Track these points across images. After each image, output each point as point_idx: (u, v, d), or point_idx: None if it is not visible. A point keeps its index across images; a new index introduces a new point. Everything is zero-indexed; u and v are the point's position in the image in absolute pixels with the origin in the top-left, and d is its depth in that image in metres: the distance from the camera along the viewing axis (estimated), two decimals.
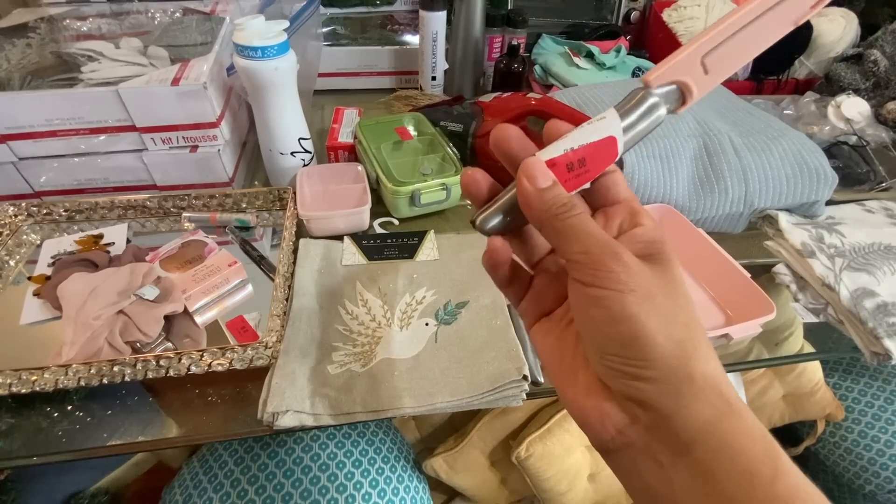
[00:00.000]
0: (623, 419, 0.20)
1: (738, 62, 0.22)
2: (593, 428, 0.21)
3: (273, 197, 0.57)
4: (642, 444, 0.20)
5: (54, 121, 0.51)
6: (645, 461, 0.20)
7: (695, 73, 0.22)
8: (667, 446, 0.19)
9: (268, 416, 0.37)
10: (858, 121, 0.70)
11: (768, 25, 0.22)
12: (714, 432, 0.19)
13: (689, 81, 0.22)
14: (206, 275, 0.46)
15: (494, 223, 0.23)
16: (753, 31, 0.22)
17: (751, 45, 0.22)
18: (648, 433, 0.20)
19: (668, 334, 0.19)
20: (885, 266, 0.51)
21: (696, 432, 0.19)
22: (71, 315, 0.39)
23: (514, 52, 0.77)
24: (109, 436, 0.39)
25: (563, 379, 0.23)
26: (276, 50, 0.50)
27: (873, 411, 0.76)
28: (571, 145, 0.21)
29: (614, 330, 0.19)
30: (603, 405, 0.21)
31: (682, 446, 0.19)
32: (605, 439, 0.21)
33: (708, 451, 0.19)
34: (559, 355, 0.23)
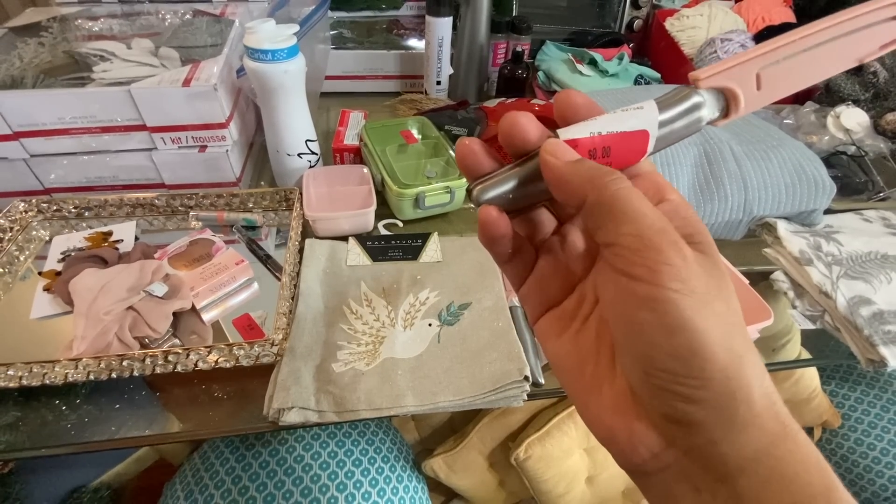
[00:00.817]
0: (658, 443, 0.17)
1: (794, 86, 0.20)
2: (621, 449, 0.18)
3: (279, 197, 0.58)
4: (678, 469, 0.17)
5: (66, 119, 0.52)
6: (680, 487, 0.17)
7: (747, 85, 0.19)
8: (708, 473, 0.17)
9: (273, 412, 0.38)
10: (857, 131, 0.70)
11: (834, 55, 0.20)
12: (765, 460, 0.16)
13: (739, 92, 0.19)
14: (213, 273, 0.47)
15: (494, 195, 0.19)
16: (819, 55, 0.19)
17: (812, 70, 0.20)
18: (688, 458, 0.17)
19: (728, 348, 0.16)
20: (882, 275, 0.52)
21: (745, 460, 0.16)
22: (82, 310, 0.40)
23: (519, 58, 0.78)
24: (116, 430, 0.39)
25: (584, 391, 0.19)
26: (285, 53, 0.50)
27: (869, 419, 0.77)
28: (599, 129, 0.18)
29: (668, 341, 0.16)
30: (634, 425, 0.17)
31: (726, 474, 0.16)
32: (636, 462, 0.18)
33: (757, 480, 0.16)
34: (578, 363, 0.20)
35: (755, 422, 0.16)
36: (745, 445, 0.16)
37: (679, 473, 0.17)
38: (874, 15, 0.19)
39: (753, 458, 0.16)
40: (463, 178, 0.57)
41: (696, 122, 0.19)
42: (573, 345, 0.20)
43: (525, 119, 0.19)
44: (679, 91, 0.19)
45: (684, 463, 0.17)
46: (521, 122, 0.19)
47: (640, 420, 0.17)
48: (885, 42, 0.19)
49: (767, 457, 0.16)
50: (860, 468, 0.75)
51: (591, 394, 0.19)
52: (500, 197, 0.19)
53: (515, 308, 0.49)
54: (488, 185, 0.19)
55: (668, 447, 0.17)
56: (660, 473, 0.18)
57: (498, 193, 0.19)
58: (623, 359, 0.18)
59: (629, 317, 0.17)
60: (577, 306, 0.21)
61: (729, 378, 0.16)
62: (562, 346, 0.20)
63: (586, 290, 0.21)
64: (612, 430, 0.18)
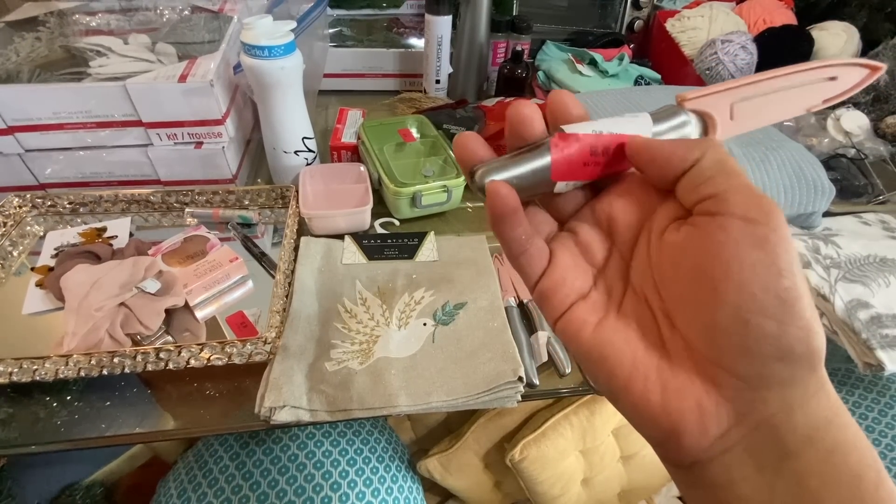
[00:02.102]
0: (729, 418, 0.17)
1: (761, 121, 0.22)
2: (689, 435, 0.17)
3: (276, 195, 0.57)
4: (744, 448, 0.17)
5: (61, 114, 0.52)
6: (741, 469, 0.17)
7: (722, 114, 0.22)
8: (775, 448, 0.17)
9: (265, 410, 0.37)
10: (857, 134, 0.70)
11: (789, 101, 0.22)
12: (831, 428, 0.16)
13: (716, 118, 0.21)
14: (207, 270, 0.47)
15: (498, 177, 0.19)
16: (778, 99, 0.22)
17: (773, 111, 0.22)
18: (757, 433, 0.17)
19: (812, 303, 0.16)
20: (880, 278, 0.52)
21: (814, 429, 0.16)
22: (73, 306, 0.40)
23: (518, 57, 0.78)
24: (107, 427, 0.39)
25: (638, 380, 0.18)
26: (282, 50, 0.50)
27: (867, 423, 0.76)
28: (601, 129, 0.19)
29: (779, 283, 0.16)
30: (704, 402, 0.17)
31: (793, 448, 0.16)
32: (701, 447, 0.17)
33: (823, 450, 0.16)
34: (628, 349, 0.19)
35: (825, 385, 0.16)
36: (816, 412, 0.16)
37: (744, 452, 0.17)
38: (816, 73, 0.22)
39: (822, 426, 0.16)
40: (460, 177, 0.57)
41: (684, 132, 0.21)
42: (616, 331, 0.19)
43: (532, 111, 0.20)
44: (669, 108, 0.21)
45: (752, 439, 0.17)
46: (528, 114, 0.20)
47: (711, 396, 0.17)
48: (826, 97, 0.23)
49: (830, 426, 0.16)
50: None
51: (647, 380, 0.18)
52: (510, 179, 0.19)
53: (511, 308, 0.48)
54: (492, 168, 0.19)
55: (738, 423, 0.17)
56: (722, 457, 0.17)
57: (501, 177, 0.19)
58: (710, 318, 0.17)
59: (740, 259, 0.16)
60: (607, 296, 0.21)
61: (815, 333, 0.16)
62: (603, 335, 0.19)
63: (610, 279, 0.21)
64: (680, 413, 0.17)
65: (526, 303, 0.49)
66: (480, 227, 0.60)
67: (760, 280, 0.16)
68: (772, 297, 0.16)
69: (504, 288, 0.50)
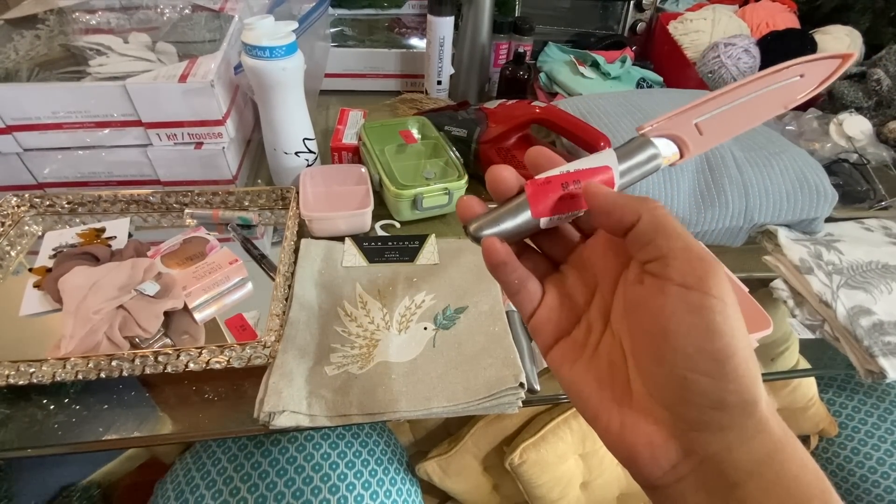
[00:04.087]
0: (677, 454, 0.19)
1: (732, 131, 0.24)
2: (643, 465, 0.20)
3: (276, 196, 0.57)
4: (694, 479, 0.19)
5: (60, 113, 0.51)
6: (696, 495, 0.19)
7: (689, 132, 0.24)
8: (721, 480, 0.18)
9: (264, 415, 0.37)
10: (860, 139, 0.70)
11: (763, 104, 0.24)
12: (770, 464, 0.18)
13: (685, 137, 0.23)
14: (206, 272, 0.47)
15: (491, 231, 0.22)
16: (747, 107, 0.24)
17: (743, 119, 0.24)
18: (703, 467, 0.19)
19: (749, 355, 0.18)
20: (882, 285, 0.52)
21: (754, 464, 0.18)
22: (71, 308, 0.39)
23: (520, 59, 0.77)
24: (104, 430, 0.39)
25: (603, 414, 0.21)
26: (284, 50, 0.50)
27: (867, 428, 0.76)
28: (567, 168, 0.22)
29: (712, 345, 0.17)
30: (654, 439, 0.19)
31: (737, 480, 0.18)
32: (655, 476, 0.19)
33: (763, 483, 0.18)
34: (595, 388, 0.21)
35: (765, 427, 0.18)
36: (756, 450, 0.18)
37: (696, 482, 0.19)
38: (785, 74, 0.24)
39: (761, 461, 0.18)
40: (462, 179, 0.57)
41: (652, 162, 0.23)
42: (588, 371, 0.22)
43: (505, 172, 0.23)
44: (635, 142, 0.23)
45: (700, 472, 0.19)
46: (503, 175, 0.23)
47: (660, 434, 0.19)
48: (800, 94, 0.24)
49: (772, 461, 0.18)
50: (856, 477, 0.75)
51: (610, 415, 0.21)
52: (495, 231, 0.22)
53: (512, 313, 0.48)
54: (483, 223, 0.22)
55: (685, 458, 0.19)
56: (676, 485, 0.19)
57: (493, 230, 0.22)
58: (656, 369, 0.19)
59: (679, 322, 0.18)
60: (587, 335, 0.23)
61: (751, 383, 0.18)
62: (577, 372, 0.22)
63: (592, 319, 0.23)
64: (635, 446, 0.20)
65: None
66: None
67: (694, 342, 0.18)
68: (706, 358, 0.18)
69: None
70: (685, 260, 0.18)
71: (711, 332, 0.17)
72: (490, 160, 0.62)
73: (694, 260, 0.18)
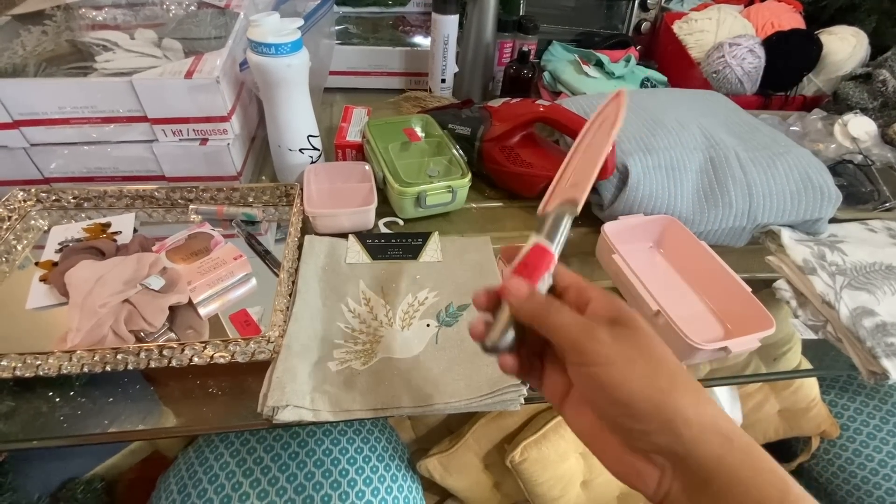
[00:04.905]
0: (654, 472, 0.23)
1: (592, 173, 0.29)
2: (639, 487, 0.24)
3: (280, 193, 0.57)
4: (678, 489, 0.23)
5: (67, 108, 0.51)
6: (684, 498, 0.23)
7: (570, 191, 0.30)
8: (693, 485, 0.22)
9: (268, 409, 0.37)
10: (865, 140, 0.70)
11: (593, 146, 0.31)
12: (723, 467, 0.21)
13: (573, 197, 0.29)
14: (211, 267, 0.47)
15: (504, 342, 0.27)
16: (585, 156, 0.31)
17: (590, 162, 0.30)
18: (676, 478, 0.23)
19: (651, 391, 0.22)
20: (886, 286, 0.52)
21: (710, 470, 0.21)
22: (77, 302, 0.40)
23: (525, 57, 0.77)
24: (109, 423, 0.39)
25: (601, 452, 0.26)
26: (289, 47, 0.50)
27: (868, 430, 0.76)
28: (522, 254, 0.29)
29: (608, 398, 0.23)
30: (636, 465, 0.24)
31: (701, 483, 0.22)
32: (651, 493, 0.23)
33: (722, 485, 0.21)
34: (591, 433, 0.26)
35: (701, 437, 0.22)
36: (705, 457, 0.21)
37: (681, 489, 0.23)
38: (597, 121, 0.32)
39: (715, 466, 0.21)
40: (465, 177, 0.57)
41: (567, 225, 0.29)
42: (584, 418, 0.26)
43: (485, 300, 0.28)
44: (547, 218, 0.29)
45: (678, 484, 0.23)
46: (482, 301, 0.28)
47: (638, 460, 0.23)
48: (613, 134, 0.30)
49: (722, 464, 0.21)
50: (858, 479, 0.75)
51: (605, 452, 0.25)
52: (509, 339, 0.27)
53: None
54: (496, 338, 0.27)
55: (662, 474, 0.23)
56: (668, 497, 0.23)
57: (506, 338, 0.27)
58: (602, 420, 0.25)
59: (586, 389, 0.24)
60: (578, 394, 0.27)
61: (660, 410, 0.22)
62: (578, 423, 0.27)
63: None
64: (626, 474, 0.24)
65: None
66: (484, 228, 0.60)
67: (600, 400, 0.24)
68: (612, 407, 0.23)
69: None
70: (570, 346, 0.24)
71: (603, 390, 0.23)
72: (494, 158, 0.62)
73: (575, 344, 0.24)
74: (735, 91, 0.81)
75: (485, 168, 0.64)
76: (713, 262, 0.50)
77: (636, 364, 0.23)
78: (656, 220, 0.55)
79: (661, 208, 0.55)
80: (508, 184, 0.64)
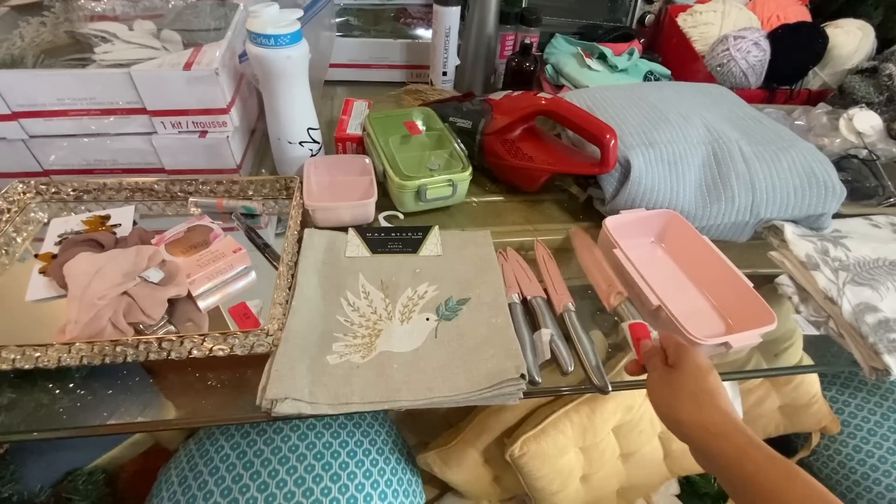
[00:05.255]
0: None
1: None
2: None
3: (280, 186, 0.57)
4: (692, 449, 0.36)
5: (66, 100, 0.51)
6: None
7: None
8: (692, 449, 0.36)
9: (266, 402, 0.37)
10: (870, 135, 0.69)
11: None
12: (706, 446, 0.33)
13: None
14: (210, 260, 0.47)
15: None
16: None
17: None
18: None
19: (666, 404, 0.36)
20: (889, 282, 0.51)
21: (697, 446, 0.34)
22: (76, 294, 0.40)
23: (527, 50, 0.77)
24: (109, 415, 0.39)
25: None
26: (288, 39, 0.50)
27: (869, 426, 0.76)
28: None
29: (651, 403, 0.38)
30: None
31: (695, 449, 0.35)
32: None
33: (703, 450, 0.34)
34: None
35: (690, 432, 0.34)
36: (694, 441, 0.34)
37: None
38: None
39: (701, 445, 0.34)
40: (466, 171, 0.57)
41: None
42: None
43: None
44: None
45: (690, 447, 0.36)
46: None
47: None
48: None
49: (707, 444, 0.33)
50: (857, 475, 0.75)
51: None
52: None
53: (515, 304, 0.48)
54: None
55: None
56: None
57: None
58: None
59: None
60: None
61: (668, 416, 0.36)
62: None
63: None
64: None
65: (529, 300, 0.49)
66: (485, 222, 0.60)
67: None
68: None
69: (508, 284, 0.50)
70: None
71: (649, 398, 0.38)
72: (495, 152, 0.62)
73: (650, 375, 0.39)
74: (739, 85, 0.80)
75: (486, 162, 0.64)
76: (715, 257, 0.50)
77: (664, 390, 0.36)
78: (658, 215, 0.55)
79: (663, 202, 0.55)
80: (509, 178, 0.63)
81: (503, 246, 0.55)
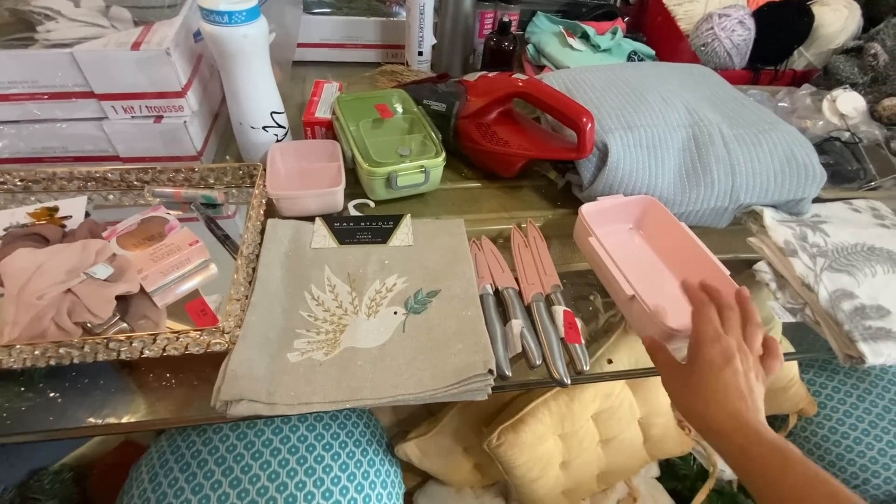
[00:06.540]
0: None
1: None
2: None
3: (243, 173, 0.54)
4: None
5: (4, 83, 0.48)
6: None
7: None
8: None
9: (220, 404, 0.36)
10: (853, 116, 0.68)
11: None
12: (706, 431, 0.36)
13: None
14: (165, 254, 0.44)
15: None
16: None
17: None
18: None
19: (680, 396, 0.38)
20: (867, 268, 0.50)
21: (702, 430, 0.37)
22: (13, 293, 0.37)
23: (506, 29, 0.73)
24: (72, 416, 0.37)
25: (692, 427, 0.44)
26: (244, 16, 0.46)
27: (845, 408, 0.77)
28: None
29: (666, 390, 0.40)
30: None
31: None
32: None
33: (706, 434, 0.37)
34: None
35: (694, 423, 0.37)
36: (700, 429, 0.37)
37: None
38: None
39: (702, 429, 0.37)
40: (439, 156, 0.54)
41: None
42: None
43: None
44: None
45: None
46: None
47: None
48: None
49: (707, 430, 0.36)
50: (833, 456, 0.76)
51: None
52: None
53: (487, 296, 0.46)
54: None
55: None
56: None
57: None
58: None
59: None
60: None
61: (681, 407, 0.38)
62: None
63: None
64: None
65: (502, 290, 0.47)
66: (461, 209, 0.58)
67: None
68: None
69: (480, 274, 0.48)
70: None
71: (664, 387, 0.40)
72: (470, 136, 0.59)
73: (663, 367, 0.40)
74: (723, 65, 0.78)
75: (461, 147, 0.61)
76: (692, 244, 0.49)
77: (675, 386, 0.38)
78: (636, 201, 0.53)
79: (641, 188, 0.53)
80: (485, 163, 0.61)
81: (479, 234, 0.54)
